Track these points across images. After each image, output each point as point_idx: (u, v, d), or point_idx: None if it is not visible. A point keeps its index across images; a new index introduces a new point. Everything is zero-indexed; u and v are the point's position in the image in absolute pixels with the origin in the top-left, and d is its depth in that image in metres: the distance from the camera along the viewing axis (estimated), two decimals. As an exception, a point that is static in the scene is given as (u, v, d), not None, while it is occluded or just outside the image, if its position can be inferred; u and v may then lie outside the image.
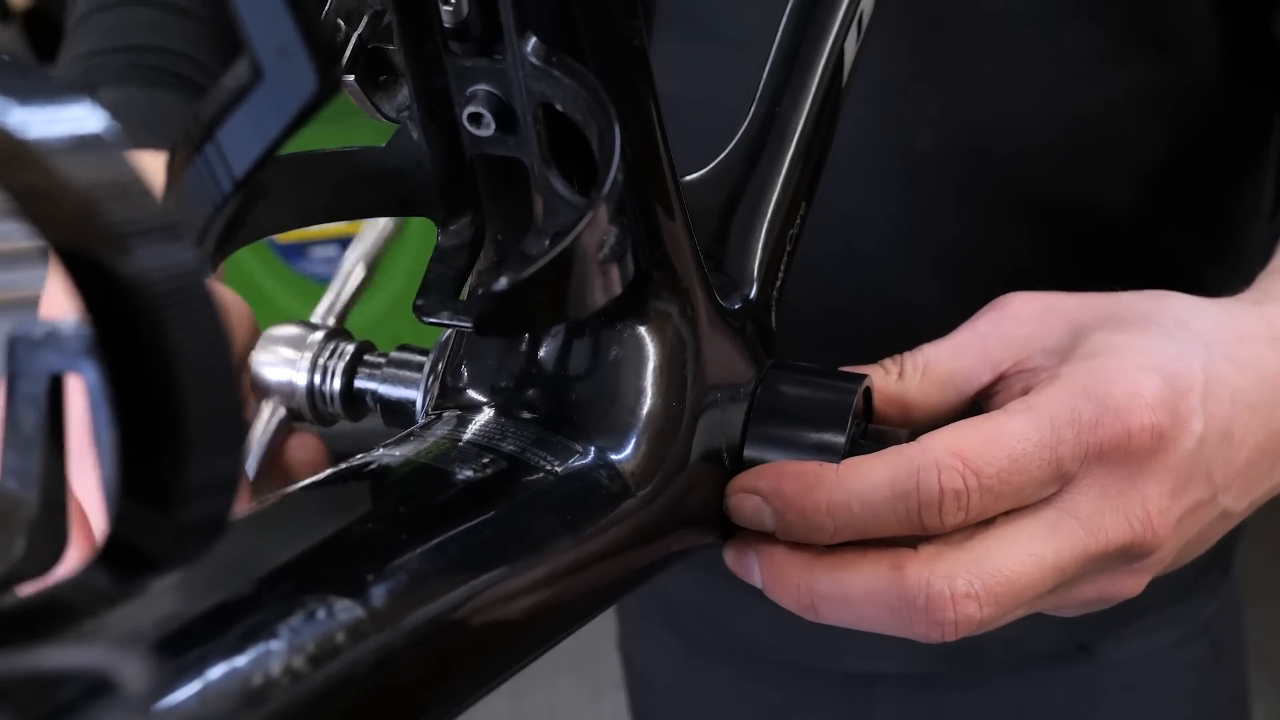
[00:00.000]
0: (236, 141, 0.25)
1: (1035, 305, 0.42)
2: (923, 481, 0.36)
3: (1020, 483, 0.36)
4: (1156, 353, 0.38)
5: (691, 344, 0.38)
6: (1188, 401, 0.38)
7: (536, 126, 0.33)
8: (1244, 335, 0.41)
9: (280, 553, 0.28)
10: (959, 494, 0.35)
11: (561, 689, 2.16)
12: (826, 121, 0.46)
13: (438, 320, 0.34)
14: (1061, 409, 0.37)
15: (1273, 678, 2.06)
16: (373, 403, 0.46)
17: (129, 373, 0.19)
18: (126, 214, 0.19)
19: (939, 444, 0.36)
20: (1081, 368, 0.38)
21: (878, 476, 0.36)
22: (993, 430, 0.36)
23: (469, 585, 0.30)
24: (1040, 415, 0.37)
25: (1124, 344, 0.39)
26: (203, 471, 0.19)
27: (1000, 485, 0.36)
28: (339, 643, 0.26)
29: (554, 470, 0.35)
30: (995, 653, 0.73)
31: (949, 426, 0.37)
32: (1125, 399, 0.37)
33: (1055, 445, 0.36)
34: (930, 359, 0.42)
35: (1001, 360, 0.41)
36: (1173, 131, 0.61)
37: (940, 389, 0.42)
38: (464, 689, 0.30)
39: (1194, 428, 0.38)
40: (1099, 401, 0.37)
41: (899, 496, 0.36)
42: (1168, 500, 0.38)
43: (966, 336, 0.42)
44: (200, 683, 0.23)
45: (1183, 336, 0.39)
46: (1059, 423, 0.37)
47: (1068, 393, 0.37)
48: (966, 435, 0.36)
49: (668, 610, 0.83)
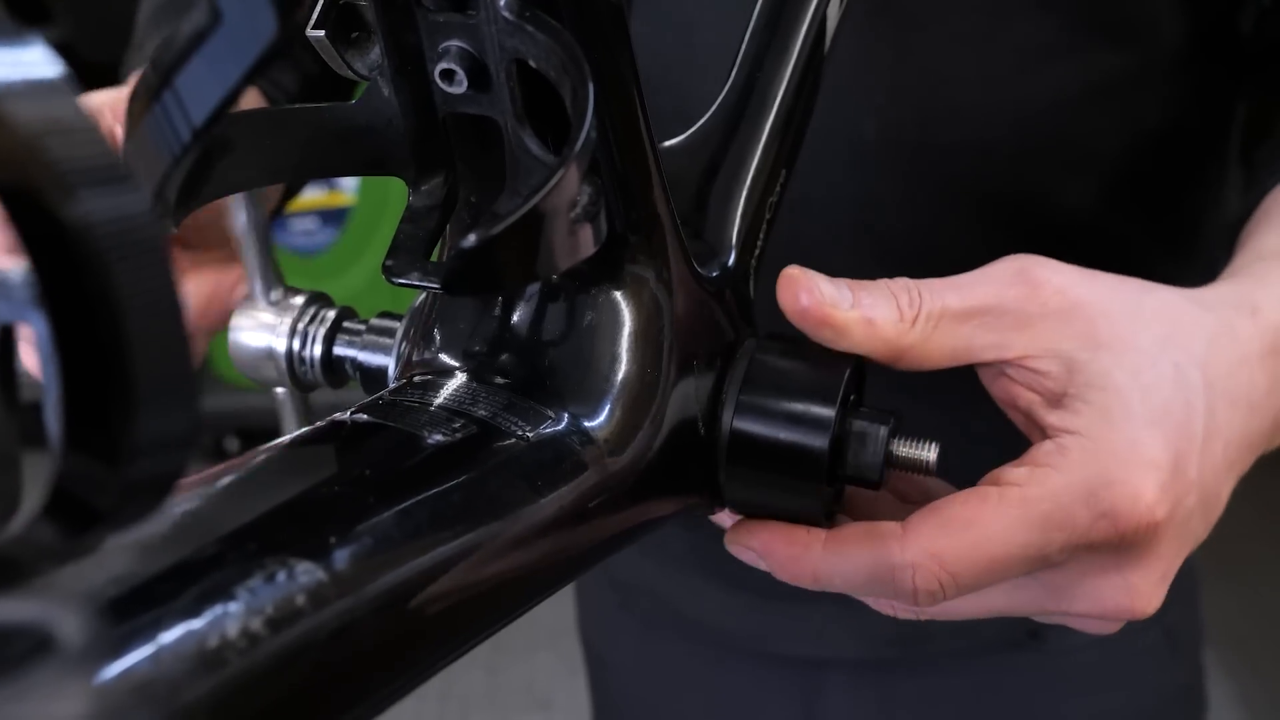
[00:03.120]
0: (195, 89, 0.24)
1: (1064, 299, 0.39)
2: (898, 578, 0.37)
3: (996, 577, 0.37)
4: (1169, 425, 0.37)
5: (668, 310, 0.38)
6: (1186, 479, 0.37)
7: (510, 84, 0.32)
8: (1241, 359, 0.40)
9: (242, 514, 0.27)
10: (933, 593, 0.37)
11: (539, 664, 2.16)
12: (808, 89, 0.45)
13: (407, 281, 0.33)
14: (1058, 511, 0.36)
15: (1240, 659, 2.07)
16: (352, 370, 0.45)
17: (74, 322, 0.18)
18: (72, 156, 0.18)
19: (920, 545, 0.37)
20: (1085, 455, 0.37)
21: (858, 563, 0.38)
22: (978, 533, 0.36)
23: (436, 551, 0.29)
24: (1032, 516, 0.36)
25: (1139, 413, 0.37)
26: (152, 427, 0.19)
27: (975, 582, 0.37)
28: (299, 606, 0.25)
29: (525, 436, 0.34)
30: (946, 639, 0.73)
31: (936, 517, 0.37)
32: (1127, 504, 0.36)
33: (1043, 546, 0.36)
34: (946, 313, 0.39)
35: (1013, 345, 0.39)
36: (1127, 123, 0.60)
37: (940, 351, 0.39)
38: (430, 655, 0.29)
39: (1188, 503, 0.38)
40: (1096, 506, 0.36)
41: (876, 581, 0.38)
42: (1156, 585, 0.38)
43: (990, 302, 0.39)
44: (153, 644, 0.22)
45: (1192, 381, 0.38)
46: (1050, 525, 0.36)
47: (1068, 494, 0.36)
48: (951, 537, 0.36)
49: (623, 593, 0.83)
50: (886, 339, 0.39)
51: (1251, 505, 2.40)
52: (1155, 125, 0.61)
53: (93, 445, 0.19)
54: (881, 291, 0.39)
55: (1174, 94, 0.61)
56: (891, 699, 0.77)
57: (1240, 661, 2.06)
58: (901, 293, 0.39)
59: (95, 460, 0.19)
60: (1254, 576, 2.24)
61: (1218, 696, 1.96)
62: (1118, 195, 0.62)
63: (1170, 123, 0.61)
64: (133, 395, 0.19)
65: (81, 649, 0.19)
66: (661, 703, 0.85)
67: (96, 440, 0.19)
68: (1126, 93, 0.59)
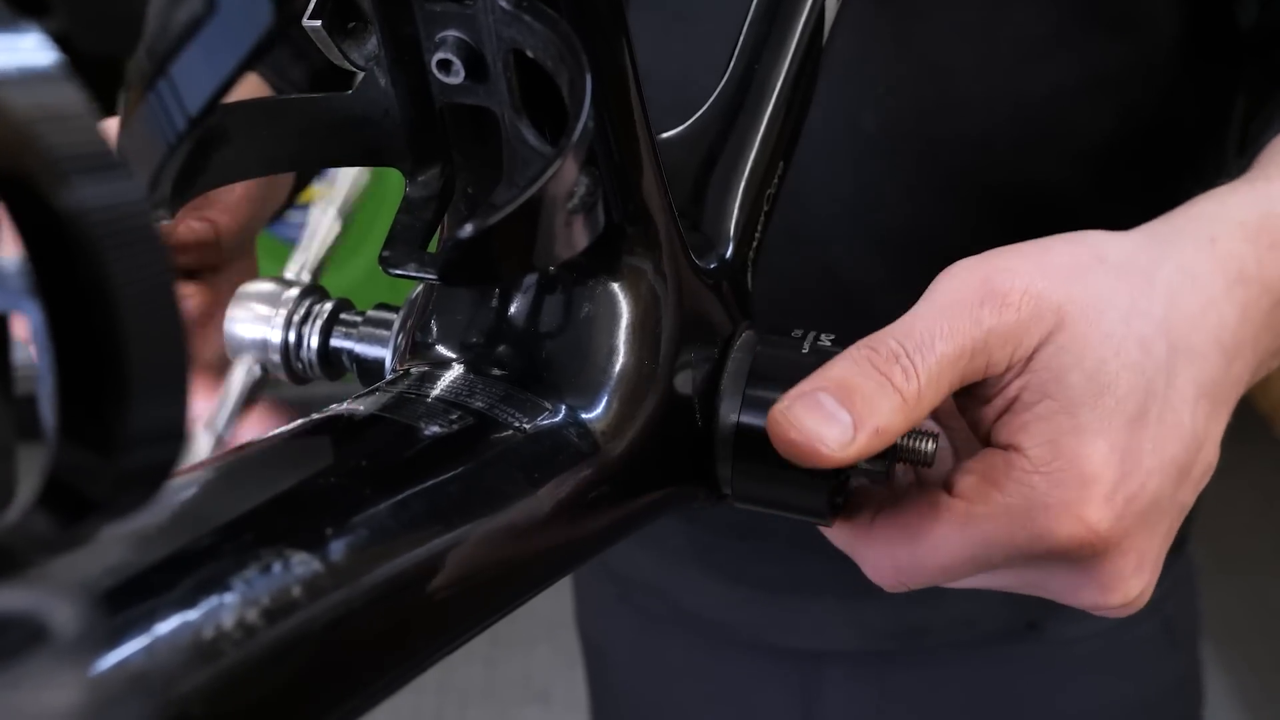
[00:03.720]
0: (190, 77, 0.24)
1: (1030, 301, 0.38)
2: (865, 571, 0.40)
3: (951, 579, 0.39)
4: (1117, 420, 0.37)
5: (665, 301, 0.37)
6: (1139, 472, 0.37)
7: (507, 74, 0.32)
8: (1207, 303, 0.39)
9: (238, 505, 0.27)
10: (895, 590, 0.40)
11: (537, 656, 2.16)
12: (806, 80, 0.45)
13: (403, 272, 0.33)
14: (995, 531, 0.37)
15: (1237, 654, 2.08)
16: (349, 361, 0.45)
17: (69, 311, 0.18)
18: (65, 144, 0.18)
19: (878, 552, 0.39)
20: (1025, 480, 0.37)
21: (840, 543, 0.41)
22: (925, 546, 0.38)
23: (432, 542, 0.29)
24: (973, 534, 0.37)
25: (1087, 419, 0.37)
26: (145, 417, 0.19)
27: (931, 583, 0.40)
28: (295, 597, 0.25)
29: (523, 428, 0.34)
30: (944, 631, 0.73)
31: (891, 525, 0.39)
32: (1062, 526, 0.36)
33: (987, 559, 0.38)
34: (944, 364, 0.37)
35: (998, 361, 0.38)
36: (1125, 115, 0.60)
37: (942, 394, 0.38)
38: (427, 647, 0.29)
39: (1148, 490, 0.37)
40: (1032, 528, 0.37)
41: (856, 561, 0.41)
42: (1129, 573, 0.38)
43: (976, 336, 0.37)
44: (148, 635, 0.22)
45: (1154, 353, 0.38)
46: (990, 542, 0.37)
47: (1005, 515, 0.37)
48: (903, 548, 0.39)
49: (620, 585, 0.83)
50: (899, 431, 0.37)
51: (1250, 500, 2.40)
52: (1154, 117, 0.61)
53: (87, 435, 0.19)
54: (873, 382, 0.37)
55: (1172, 86, 0.60)
56: (890, 691, 0.77)
57: (1237, 656, 2.06)
58: (894, 370, 0.37)
59: (90, 450, 0.19)
60: (1251, 571, 2.24)
61: (1214, 690, 1.97)
62: (1116, 186, 0.62)
63: (1169, 115, 0.61)
64: (127, 385, 0.19)
65: (75, 639, 0.19)
66: (660, 695, 0.85)
67: (91, 430, 0.19)
68: (1125, 84, 0.59)
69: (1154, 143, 0.62)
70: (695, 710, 0.83)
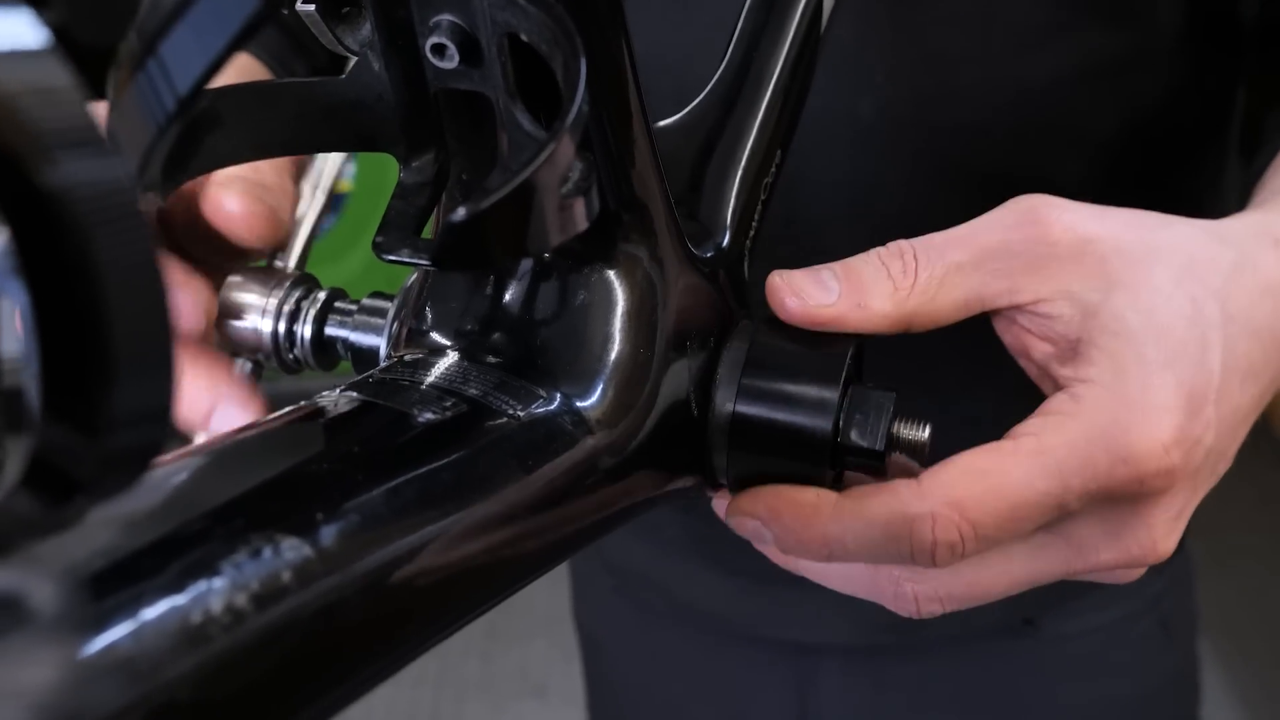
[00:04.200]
0: (180, 57, 0.23)
1: (1074, 236, 0.38)
2: (916, 531, 0.35)
3: (1018, 526, 0.36)
4: (1182, 365, 0.36)
5: (661, 289, 0.37)
6: (1204, 418, 0.36)
7: (501, 59, 0.32)
8: (1264, 290, 0.39)
9: (228, 489, 0.27)
10: (953, 545, 0.35)
11: (534, 650, 2.16)
12: (804, 69, 0.45)
13: (397, 258, 0.33)
14: (1074, 457, 0.35)
15: (1235, 650, 2.08)
16: (343, 350, 0.45)
17: (53, 290, 0.18)
18: (53, 121, 0.18)
19: (938, 494, 0.35)
20: (1101, 401, 0.36)
21: (872, 517, 0.36)
22: (997, 479, 0.35)
23: (425, 529, 0.29)
24: (1049, 462, 0.35)
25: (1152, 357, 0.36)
26: (129, 399, 0.19)
27: (997, 532, 0.36)
28: (285, 582, 0.25)
29: (517, 415, 0.34)
30: (940, 626, 0.73)
31: (952, 469, 0.36)
32: (1144, 449, 0.35)
33: (1062, 493, 0.35)
34: (950, 268, 0.38)
35: (1023, 289, 0.38)
36: (1125, 104, 0.60)
37: (951, 305, 0.38)
38: (418, 634, 0.29)
39: (1206, 442, 0.37)
40: (1114, 451, 0.35)
41: (892, 539, 0.36)
42: (1174, 519, 0.38)
43: (997, 248, 0.38)
44: (135, 619, 0.22)
45: (1209, 316, 0.37)
46: (1068, 471, 0.35)
47: (1084, 439, 0.35)
48: (969, 485, 0.35)
49: (617, 577, 0.83)
50: (885, 314, 0.38)
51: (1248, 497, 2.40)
52: (1153, 107, 0.61)
53: (72, 415, 0.19)
54: (871, 267, 0.38)
55: (1172, 77, 0.60)
56: (885, 685, 0.77)
57: (1235, 652, 2.06)
58: (893, 260, 0.38)
59: (74, 430, 0.19)
60: (1249, 567, 2.24)
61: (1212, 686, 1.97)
62: (1115, 176, 0.61)
63: (1169, 105, 0.61)
64: (111, 365, 0.18)
65: (57, 619, 0.18)
66: (656, 687, 0.85)
67: (76, 410, 0.19)
68: (1124, 74, 0.59)
69: (1154, 132, 0.61)
70: (691, 702, 0.83)
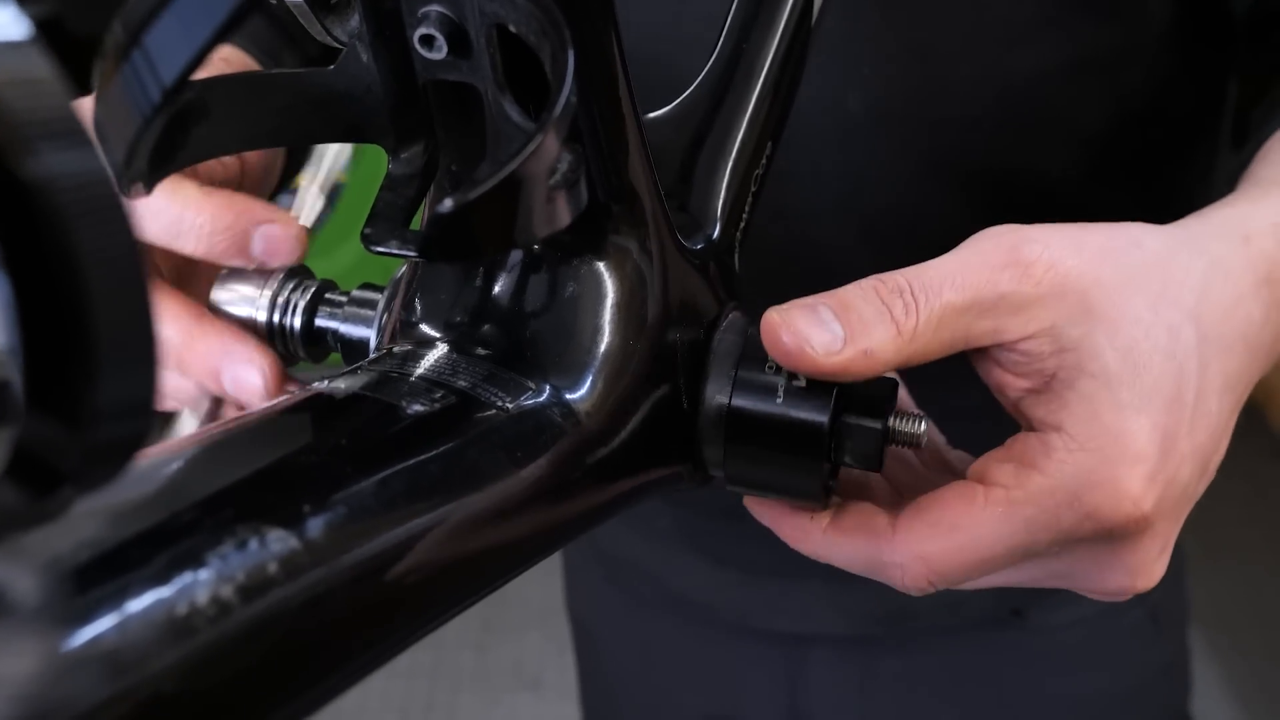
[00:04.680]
0: (165, 47, 0.23)
1: (1055, 275, 0.37)
2: (889, 575, 0.39)
3: (985, 571, 0.38)
4: (1158, 403, 0.36)
5: (651, 281, 0.37)
6: (1177, 453, 0.37)
7: (490, 50, 0.32)
8: (1236, 299, 0.39)
9: (215, 481, 0.27)
10: (922, 589, 0.38)
11: (528, 643, 2.16)
12: (794, 61, 0.45)
13: (385, 249, 0.32)
14: (1042, 515, 0.36)
15: (1227, 642, 2.08)
16: (334, 341, 0.45)
17: (34, 281, 0.18)
18: (34, 113, 0.18)
19: (908, 548, 0.38)
20: (1071, 460, 0.36)
21: (851, 555, 0.39)
22: (966, 536, 0.37)
23: (412, 521, 0.29)
24: (1017, 518, 0.36)
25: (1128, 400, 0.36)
26: (112, 391, 0.19)
27: (964, 579, 0.38)
28: (271, 574, 0.25)
29: (506, 407, 0.34)
30: (929, 616, 0.73)
31: (923, 522, 0.37)
32: (1110, 503, 0.36)
33: (1029, 545, 0.37)
34: (947, 311, 0.37)
35: (1008, 329, 0.38)
36: (1113, 98, 0.60)
37: (943, 346, 0.38)
38: (406, 626, 0.29)
39: (1181, 478, 0.37)
40: (1080, 508, 0.36)
41: (871, 572, 0.39)
42: (1155, 558, 0.38)
43: (985, 291, 0.37)
44: (120, 611, 0.22)
45: (1184, 342, 0.37)
46: (1035, 527, 0.36)
47: (1051, 499, 0.36)
48: (938, 541, 0.37)
49: (609, 566, 0.83)
50: (888, 362, 0.37)
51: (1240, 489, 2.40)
52: (1143, 100, 0.60)
53: (55, 407, 0.19)
54: (872, 307, 0.37)
55: (1161, 71, 0.60)
56: (875, 675, 0.77)
57: (1227, 645, 2.07)
58: (895, 301, 0.37)
59: (58, 422, 0.19)
60: (1242, 560, 2.24)
61: (1205, 679, 1.97)
62: (1104, 170, 0.61)
63: (1158, 99, 0.61)
64: (94, 357, 0.18)
65: (38, 610, 0.18)
66: (647, 676, 0.85)
67: (59, 402, 0.19)
68: (1113, 68, 0.59)
69: (1144, 127, 0.61)
70: (682, 691, 0.83)
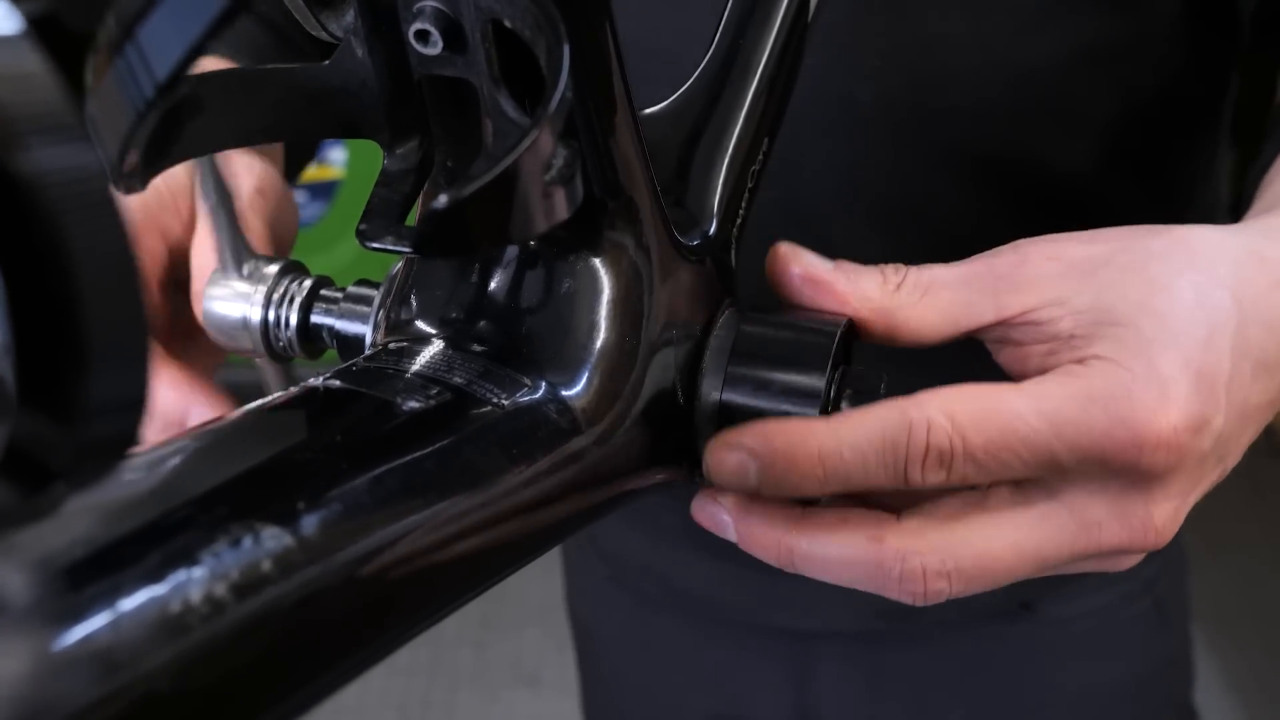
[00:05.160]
0: (158, 42, 0.23)
1: (1058, 261, 0.38)
2: (913, 434, 0.35)
3: (1007, 460, 0.35)
4: (1188, 342, 0.36)
5: (647, 277, 0.37)
6: (1213, 400, 0.36)
7: (485, 45, 0.32)
8: (1274, 283, 0.38)
9: (208, 478, 0.27)
10: (943, 454, 0.35)
11: (526, 640, 2.16)
12: (792, 55, 0.45)
13: (380, 245, 0.32)
14: (1071, 408, 0.35)
15: (1227, 638, 2.08)
16: (329, 338, 0.44)
17: (26, 277, 0.18)
18: (26, 107, 0.18)
19: (935, 403, 0.36)
20: (1106, 370, 0.35)
21: (870, 426, 0.36)
22: (992, 401, 0.35)
23: (407, 519, 0.29)
24: (1045, 406, 0.35)
25: (1154, 335, 0.36)
26: (104, 388, 0.18)
27: (985, 458, 0.35)
28: (265, 572, 0.25)
29: (501, 404, 0.34)
30: (937, 611, 0.73)
31: (949, 387, 0.36)
32: (1146, 416, 0.35)
33: (1053, 439, 0.35)
34: (935, 280, 0.40)
35: (1009, 305, 0.38)
36: (1123, 88, 0.60)
37: (937, 315, 0.39)
38: (401, 624, 0.29)
39: (1215, 426, 0.36)
40: (1115, 413, 0.35)
41: (889, 447, 0.36)
42: (1177, 502, 0.37)
43: (980, 270, 0.39)
44: (113, 609, 0.22)
45: (1216, 300, 0.37)
46: (1062, 419, 0.35)
47: (1085, 396, 0.35)
48: (965, 400, 0.36)
49: (612, 565, 0.83)
50: (869, 295, 0.39)
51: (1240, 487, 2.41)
52: (1150, 91, 0.60)
53: (47, 404, 0.19)
54: (866, 269, 0.40)
55: (1169, 61, 0.60)
56: (883, 671, 0.77)
57: (1227, 641, 2.07)
58: (887, 268, 0.40)
59: (50, 419, 0.19)
60: (1243, 558, 2.24)
61: (1205, 674, 1.97)
62: (1112, 159, 0.61)
63: (1165, 89, 0.61)
64: (85, 354, 0.18)
65: (29, 608, 0.18)
66: (650, 675, 0.85)
67: (50, 399, 0.19)
68: (1121, 58, 0.58)
69: (1152, 116, 0.61)
70: (686, 691, 0.83)
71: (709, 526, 0.39)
